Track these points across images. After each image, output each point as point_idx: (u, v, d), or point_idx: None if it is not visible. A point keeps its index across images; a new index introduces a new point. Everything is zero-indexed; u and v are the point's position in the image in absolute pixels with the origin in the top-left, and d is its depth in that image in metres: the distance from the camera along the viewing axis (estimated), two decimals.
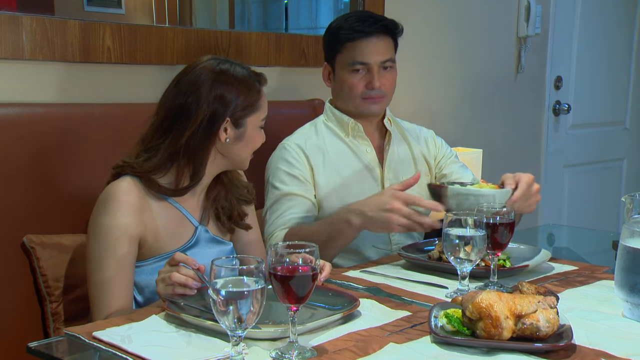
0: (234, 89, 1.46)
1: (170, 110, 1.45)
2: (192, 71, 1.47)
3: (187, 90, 1.44)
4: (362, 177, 1.85)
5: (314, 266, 1.10)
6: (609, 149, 3.80)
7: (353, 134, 1.87)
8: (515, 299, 1.14)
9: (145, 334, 1.17)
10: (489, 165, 2.87)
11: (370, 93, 1.82)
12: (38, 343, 1.16)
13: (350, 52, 1.81)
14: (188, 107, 1.43)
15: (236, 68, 1.49)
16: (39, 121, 1.68)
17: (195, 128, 1.43)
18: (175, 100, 1.45)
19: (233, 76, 1.47)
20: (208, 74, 1.45)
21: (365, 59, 1.80)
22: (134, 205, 1.41)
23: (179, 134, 1.43)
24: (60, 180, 1.69)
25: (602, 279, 1.53)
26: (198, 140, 1.44)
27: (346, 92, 1.84)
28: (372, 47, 1.80)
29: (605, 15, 3.62)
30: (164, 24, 2.01)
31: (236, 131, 1.47)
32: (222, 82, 1.45)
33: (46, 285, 1.59)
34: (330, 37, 1.85)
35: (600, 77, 3.67)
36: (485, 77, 3.08)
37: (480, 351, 1.12)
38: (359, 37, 1.79)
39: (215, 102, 1.44)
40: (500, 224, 1.42)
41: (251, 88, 1.48)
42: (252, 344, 1.13)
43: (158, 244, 1.45)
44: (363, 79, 1.81)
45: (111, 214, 1.40)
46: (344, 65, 1.82)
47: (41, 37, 1.72)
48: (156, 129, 1.46)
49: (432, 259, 1.62)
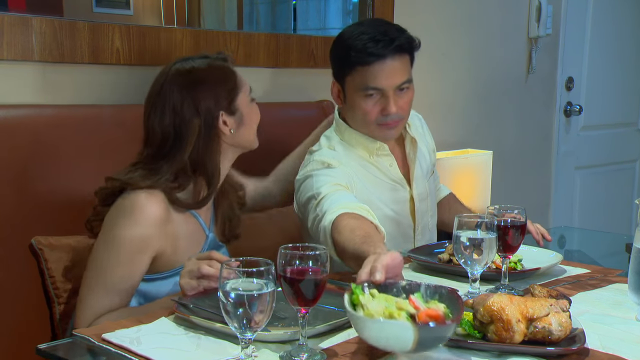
0: (209, 85, 1.43)
1: (163, 139, 1.42)
2: (162, 90, 1.43)
3: (170, 115, 1.42)
4: (389, 191, 1.76)
5: (324, 268, 1.09)
6: (621, 150, 3.77)
7: (377, 153, 1.73)
8: (527, 302, 1.13)
9: (155, 336, 1.17)
10: (500, 167, 2.86)
11: (386, 119, 1.66)
12: (47, 345, 1.16)
13: (362, 77, 1.63)
14: (180, 131, 1.41)
15: (198, 62, 1.46)
16: (48, 123, 1.68)
17: (195, 140, 1.42)
18: (163, 127, 1.42)
19: (201, 72, 1.44)
20: (179, 88, 1.42)
21: (379, 84, 1.63)
22: (159, 219, 1.38)
23: (181, 154, 1.41)
24: (69, 182, 1.69)
25: (615, 282, 1.51)
26: (202, 148, 1.43)
27: (360, 118, 1.68)
28: (386, 72, 1.62)
29: (617, 15, 3.59)
30: (172, 25, 2.01)
31: (234, 117, 1.46)
32: (197, 86, 1.42)
33: (54, 287, 1.59)
34: (339, 56, 1.68)
35: (612, 78, 3.64)
36: (495, 77, 3.06)
37: (491, 355, 1.10)
38: (372, 60, 1.61)
39: (202, 108, 1.42)
40: (512, 227, 1.41)
41: (224, 72, 1.46)
42: (261, 346, 1.12)
43: (175, 256, 1.43)
44: (377, 104, 1.64)
45: (135, 224, 1.36)
46: (355, 89, 1.65)
47: (50, 39, 1.72)
48: (153, 156, 1.43)
49: (442, 261, 1.60)
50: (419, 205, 1.81)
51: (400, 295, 1.08)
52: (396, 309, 1.02)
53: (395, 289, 1.10)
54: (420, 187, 1.82)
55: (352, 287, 1.08)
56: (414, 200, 1.80)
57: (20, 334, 1.56)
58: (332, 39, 1.84)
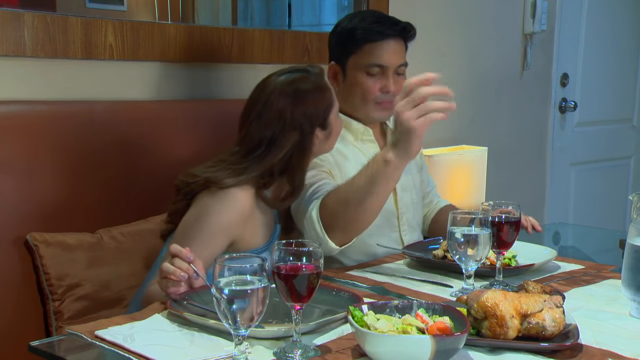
0: (311, 100, 1.51)
1: (258, 143, 1.50)
2: (268, 100, 1.51)
3: (273, 123, 1.49)
4: None
5: (318, 265, 1.09)
6: (616, 146, 3.78)
7: (362, 138, 1.83)
8: (521, 298, 1.13)
9: (148, 333, 1.16)
10: (495, 163, 2.86)
11: (384, 97, 1.75)
12: (40, 342, 1.15)
13: (367, 54, 1.74)
14: (276, 138, 1.49)
15: (301, 76, 1.53)
16: (40, 119, 1.67)
17: (287, 151, 1.50)
18: (262, 133, 1.50)
19: (306, 87, 1.52)
20: (285, 99, 1.50)
21: (384, 61, 1.74)
22: (246, 211, 1.47)
23: (270, 160, 1.49)
24: (61, 179, 1.68)
25: (609, 278, 1.51)
26: (295, 159, 1.51)
27: (359, 95, 1.77)
28: (390, 50, 1.74)
29: (612, 12, 3.59)
30: (166, 21, 2.00)
31: (325, 132, 1.54)
32: (301, 103, 1.51)
33: (49, 283, 1.58)
34: (343, 37, 1.78)
35: (607, 74, 3.64)
36: (490, 74, 3.06)
37: (485, 350, 1.11)
38: (379, 38, 1.73)
39: (302, 124, 1.50)
40: (506, 223, 1.41)
41: (323, 89, 1.54)
42: (255, 343, 1.12)
43: (254, 239, 1.52)
44: (378, 82, 1.75)
45: (224, 211, 1.44)
46: (359, 67, 1.75)
47: (43, 34, 1.71)
48: (243, 156, 1.50)
49: (437, 257, 1.61)
50: (401, 194, 1.85)
51: (394, 315, 1.11)
52: (406, 326, 1.05)
53: (388, 309, 1.12)
54: (402, 178, 1.83)
55: (350, 309, 1.09)
56: (395, 189, 1.84)
57: (13, 331, 1.56)
58: (327, 35, 1.86)
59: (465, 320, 1.07)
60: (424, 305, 1.12)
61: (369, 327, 1.05)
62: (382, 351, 1.02)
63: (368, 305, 1.12)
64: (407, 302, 1.13)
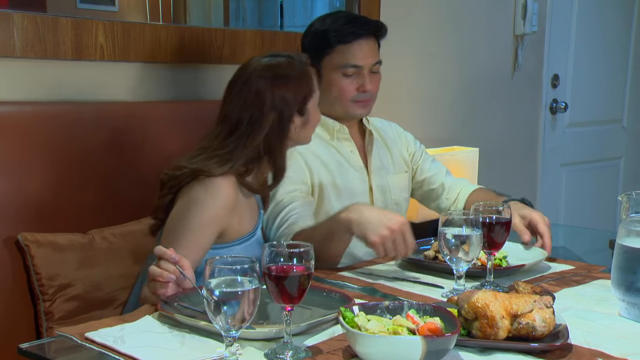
0: (291, 84, 1.52)
1: (237, 122, 1.50)
2: (249, 79, 1.51)
3: (251, 101, 1.50)
4: (352, 179, 1.84)
5: (309, 266, 1.09)
6: (606, 147, 3.80)
7: (338, 136, 1.85)
8: (511, 298, 1.13)
9: (139, 335, 1.16)
10: (486, 164, 2.87)
11: (361, 97, 1.79)
12: (29, 344, 1.15)
13: (342, 55, 1.77)
14: (256, 117, 1.50)
15: (284, 60, 1.54)
16: (30, 119, 1.67)
17: (266, 133, 1.50)
18: (241, 112, 1.50)
19: (287, 70, 1.53)
20: (265, 80, 1.50)
21: (358, 61, 1.77)
22: (231, 202, 1.47)
23: (252, 141, 1.49)
24: (53, 179, 1.67)
25: (599, 279, 1.52)
26: (273, 141, 1.51)
27: (335, 96, 1.80)
28: (364, 50, 1.78)
29: (602, 13, 3.61)
30: (157, 22, 2.00)
31: (302, 118, 1.55)
32: (281, 83, 1.51)
33: (40, 283, 1.58)
34: (315, 39, 1.81)
35: (598, 76, 3.66)
36: (481, 75, 3.07)
37: (476, 351, 1.11)
38: (351, 39, 1.77)
39: (280, 105, 1.50)
40: (497, 223, 1.42)
41: (304, 75, 1.55)
42: (246, 344, 1.12)
43: (241, 227, 1.53)
44: (354, 82, 1.78)
45: (208, 204, 1.44)
46: (334, 68, 1.78)
47: (33, 35, 1.70)
48: (224, 139, 1.51)
49: (428, 258, 1.61)
50: (377, 195, 1.87)
51: (385, 316, 1.11)
52: (396, 327, 1.05)
53: (379, 310, 1.12)
54: (380, 180, 1.89)
55: (341, 310, 1.09)
56: (372, 190, 1.86)
57: (2, 332, 1.55)
58: None
59: (456, 321, 1.07)
60: (414, 306, 1.12)
61: (359, 328, 1.05)
62: (373, 352, 1.02)
63: (359, 306, 1.12)
64: (397, 303, 1.14)
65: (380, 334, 1.03)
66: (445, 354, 1.03)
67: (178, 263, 1.26)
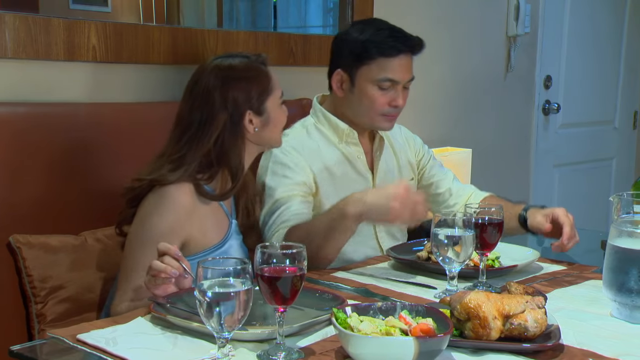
0: (243, 83, 1.49)
1: (189, 123, 1.49)
2: (199, 80, 1.50)
3: (201, 101, 1.48)
4: (356, 183, 1.82)
5: (301, 267, 1.09)
6: (599, 148, 3.81)
7: (346, 140, 1.83)
8: (504, 299, 1.14)
9: (131, 336, 1.16)
10: (479, 164, 2.87)
11: (392, 111, 1.78)
12: (21, 346, 1.14)
13: (381, 68, 1.75)
14: (206, 118, 1.47)
15: (238, 60, 1.52)
16: (22, 121, 1.66)
17: (218, 133, 1.47)
18: (191, 113, 1.49)
19: (238, 70, 1.50)
20: (215, 80, 1.48)
21: (397, 76, 1.76)
22: (187, 208, 1.45)
23: (204, 143, 1.47)
24: (45, 181, 1.67)
25: (591, 279, 1.53)
26: (226, 142, 1.48)
27: (366, 106, 1.77)
28: (404, 66, 1.77)
29: (594, 15, 3.63)
30: (151, 23, 1.99)
31: (261, 118, 1.52)
32: (231, 82, 1.48)
33: (32, 285, 1.57)
34: (355, 47, 1.77)
35: (590, 77, 3.68)
36: (475, 76, 3.08)
37: (468, 351, 1.11)
38: (393, 54, 1.75)
39: (230, 105, 1.48)
40: (489, 224, 1.42)
41: (259, 75, 1.52)
42: (238, 345, 1.12)
43: (205, 239, 1.50)
44: (387, 96, 1.76)
45: (164, 213, 1.43)
46: (370, 79, 1.76)
47: (25, 35, 1.70)
48: (177, 142, 1.49)
49: (421, 259, 1.61)
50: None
51: (377, 317, 1.11)
52: (389, 327, 1.05)
53: (371, 311, 1.13)
54: (384, 184, 1.87)
55: (334, 311, 1.09)
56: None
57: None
58: (312, 37, 1.85)
59: (448, 322, 1.07)
60: (407, 307, 1.12)
61: (352, 329, 1.05)
62: (366, 353, 1.02)
63: (352, 307, 1.12)
64: (390, 304, 1.14)
65: (372, 335, 1.03)
66: (438, 354, 1.03)
67: (181, 260, 1.26)
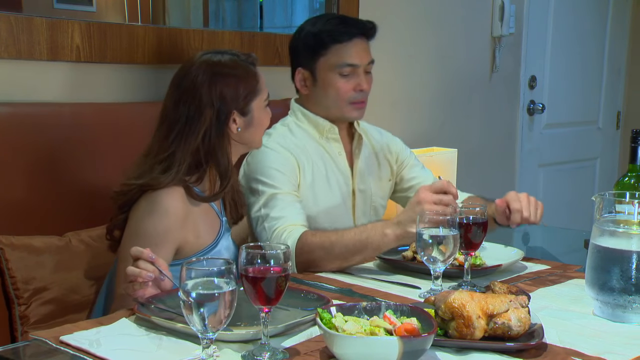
0: (231, 81, 1.48)
1: (175, 119, 1.47)
2: (187, 74, 1.48)
3: (188, 96, 1.46)
4: (336, 180, 1.84)
5: (286, 267, 1.09)
6: (583, 148, 3.85)
7: (327, 135, 1.85)
8: (487, 298, 1.14)
9: (115, 338, 1.15)
10: (464, 164, 2.89)
11: (358, 97, 1.79)
12: (3, 348, 1.13)
13: (337, 55, 1.76)
14: (193, 113, 1.46)
15: (227, 57, 1.51)
16: (4, 121, 1.64)
17: (205, 130, 1.46)
18: (178, 108, 1.47)
19: (227, 67, 1.49)
20: (203, 75, 1.47)
21: (355, 60, 1.77)
22: (180, 214, 1.44)
23: (192, 139, 1.45)
24: (28, 182, 1.66)
25: (574, 278, 1.54)
26: (213, 139, 1.47)
27: (332, 96, 1.79)
28: (359, 49, 1.78)
29: (578, 16, 3.66)
30: (136, 22, 1.98)
31: (245, 119, 1.51)
32: (219, 79, 1.47)
33: (15, 287, 1.56)
34: (309, 41, 1.79)
35: (574, 77, 3.71)
36: (460, 76, 3.09)
37: (452, 351, 1.12)
38: (346, 39, 1.77)
39: (218, 101, 1.47)
40: (474, 224, 1.43)
41: (247, 74, 1.51)
42: (223, 346, 1.12)
43: (199, 240, 1.49)
44: (350, 82, 1.78)
45: (158, 219, 1.41)
46: (330, 68, 1.77)
47: (7, 35, 1.68)
48: (163, 140, 1.47)
49: (406, 259, 1.62)
50: (359, 199, 1.88)
51: (362, 317, 1.12)
52: (373, 327, 1.05)
53: (356, 311, 1.13)
54: (363, 184, 1.90)
55: (318, 311, 1.09)
56: (355, 194, 1.87)
57: None
58: None
59: (433, 321, 1.08)
60: (392, 307, 1.13)
61: (337, 329, 1.05)
62: (350, 353, 1.02)
63: (336, 307, 1.12)
64: (375, 304, 1.14)
65: (357, 335, 1.04)
66: (422, 354, 1.04)
67: (155, 262, 1.25)
